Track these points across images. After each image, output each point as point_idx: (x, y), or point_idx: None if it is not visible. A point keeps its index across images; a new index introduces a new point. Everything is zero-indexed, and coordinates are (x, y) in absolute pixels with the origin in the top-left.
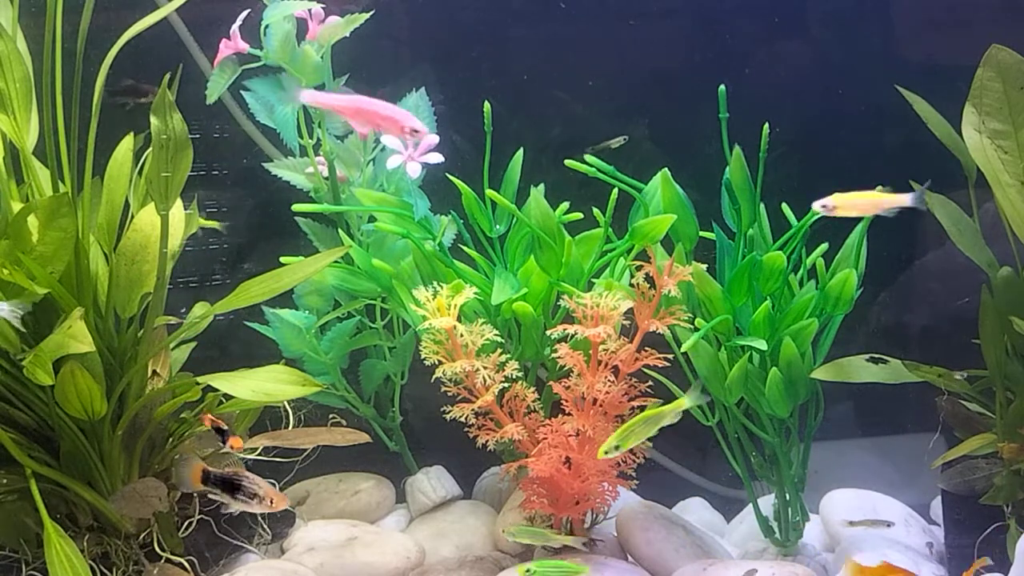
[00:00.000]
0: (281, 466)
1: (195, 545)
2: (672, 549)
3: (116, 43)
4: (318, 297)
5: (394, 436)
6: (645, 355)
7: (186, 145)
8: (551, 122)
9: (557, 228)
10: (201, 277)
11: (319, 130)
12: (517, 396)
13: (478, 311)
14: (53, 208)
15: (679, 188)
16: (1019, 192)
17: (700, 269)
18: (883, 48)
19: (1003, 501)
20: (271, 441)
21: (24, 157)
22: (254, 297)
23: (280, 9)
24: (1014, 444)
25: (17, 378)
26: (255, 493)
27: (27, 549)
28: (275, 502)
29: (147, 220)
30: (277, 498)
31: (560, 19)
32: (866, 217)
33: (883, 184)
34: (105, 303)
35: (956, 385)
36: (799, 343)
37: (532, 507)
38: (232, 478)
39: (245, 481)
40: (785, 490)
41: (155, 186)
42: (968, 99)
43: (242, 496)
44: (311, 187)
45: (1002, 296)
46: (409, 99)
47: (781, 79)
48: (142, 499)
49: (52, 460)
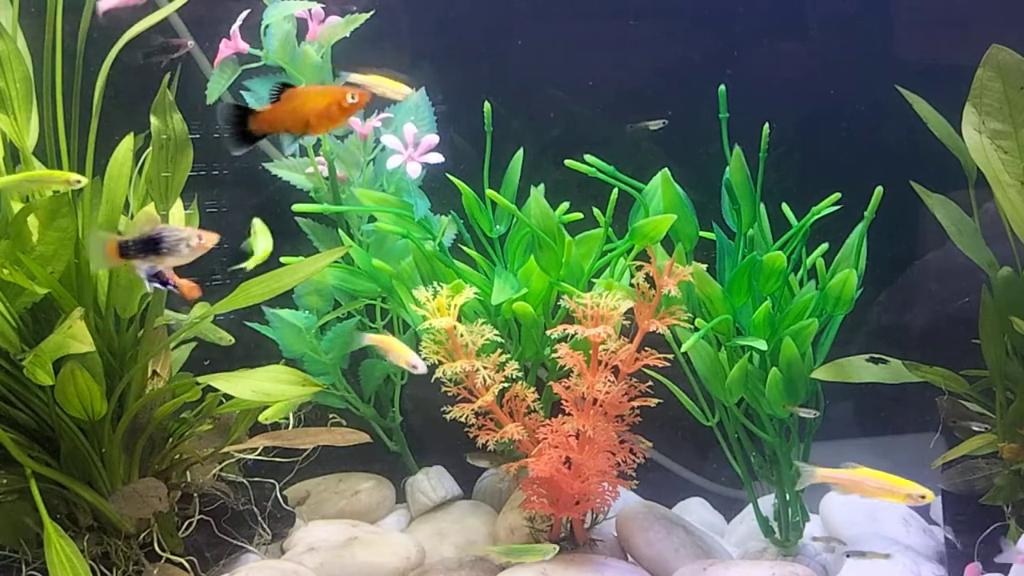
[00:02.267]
0: (281, 466)
1: (195, 545)
2: (672, 549)
3: (116, 43)
4: (318, 297)
5: (394, 436)
6: (645, 355)
7: (186, 145)
8: (551, 122)
9: (557, 228)
10: (201, 277)
11: None
12: (517, 396)
13: (478, 311)
14: (53, 208)
15: (679, 188)
16: (1019, 192)
17: (700, 269)
18: (883, 48)
19: (1003, 501)
20: (271, 441)
21: (24, 157)
22: (254, 297)
23: (280, 9)
24: (1014, 444)
25: (17, 378)
26: (180, 238)
27: (27, 549)
28: (203, 238)
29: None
30: (205, 235)
31: (560, 19)
32: (867, 217)
33: (883, 184)
34: (105, 303)
35: (956, 385)
36: (799, 343)
37: (532, 507)
38: (149, 236)
39: (165, 232)
40: (785, 490)
41: (155, 186)
42: (968, 99)
43: (166, 247)
44: (311, 187)
45: (1002, 296)
46: (409, 99)
47: (781, 79)
48: (142, 499)
49: (52, 460)
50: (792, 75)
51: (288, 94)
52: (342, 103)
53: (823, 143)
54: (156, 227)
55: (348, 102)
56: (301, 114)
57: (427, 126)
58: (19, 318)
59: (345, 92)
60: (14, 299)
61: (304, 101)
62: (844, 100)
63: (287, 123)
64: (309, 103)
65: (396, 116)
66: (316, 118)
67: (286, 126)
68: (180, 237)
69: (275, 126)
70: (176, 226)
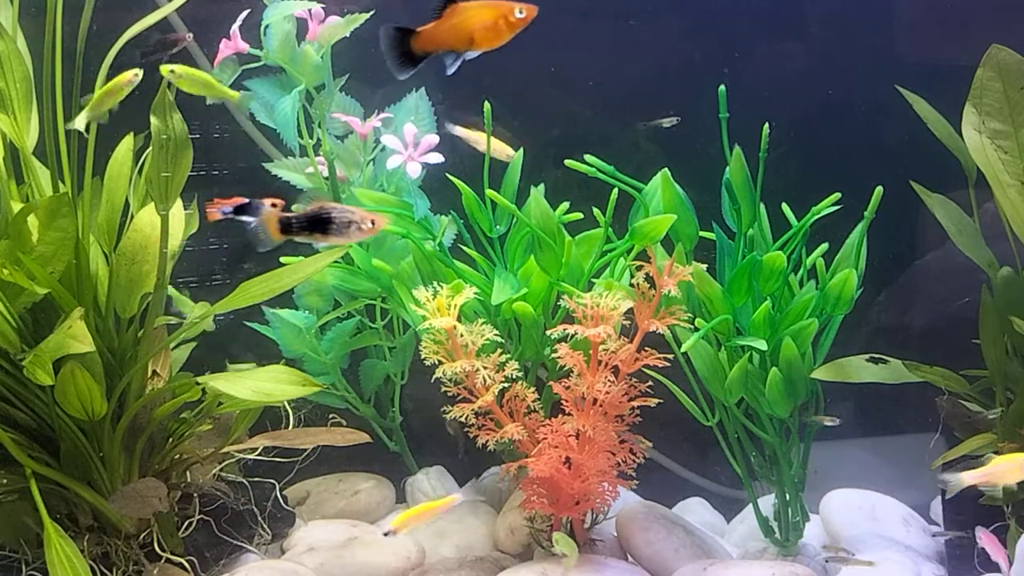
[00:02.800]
0: (281, 466)
1: (195, 545)
2: (672, 549)
3: (116, 43)
4: (318, 297)
5: (394, 436)
6: (645, 355)
7: (186, 145)
8: (551, 122)
9: (557, 228)
10: (201, 277)
11: (319, 130)
12: (517, 396)
13: (478, 311)
14: (53, 208)
15: (679, 188)
16: (1019, 192)
17: (700, 269)
18: (883, 48)
19: (1003, 501)
20: (271, 441)
21: (24, 157)
22: (254, 297)
23: (280, 9)
24: (1014, 444)
25: (17, 378)
26: (349, 220)
27: (27, 549)
28: (375, 223)
29: (147, 220)
30: (376, 218)
31: (560, 18)
32: (867, 217)
33: (883, 184)
34: (105, 303)
35: (956, 385)
36: (799, 343)
37: (532, 507)
38: (318, 214)
39: (335, 212)
40: (785, 490)
41: (155, 186)
42: (968, 99)
43: (336, 228)
44: (311, 187)
45: (1002, 296)
46: (409, 99)
47: (781, 79)
48: (142, 499)
49: (52, 460)
50: (792, 75)
51: (451, 10)
52: (509, 17)
53: (823, 143)
54: (324, 205)
55: (516, 16)
56: (465, 30)
57: (427, 126)
58: (19, 318)
59: (513, 6)
60: (14, 299)
61: (469, 16)
62: (844, 100)
63: (451, 40)
64: (474, 17)
65: (396, 116)
66: (482, 33)
67: (450, 43)
68: (350, 219)
69: (440, 44)
70: (344, 206)
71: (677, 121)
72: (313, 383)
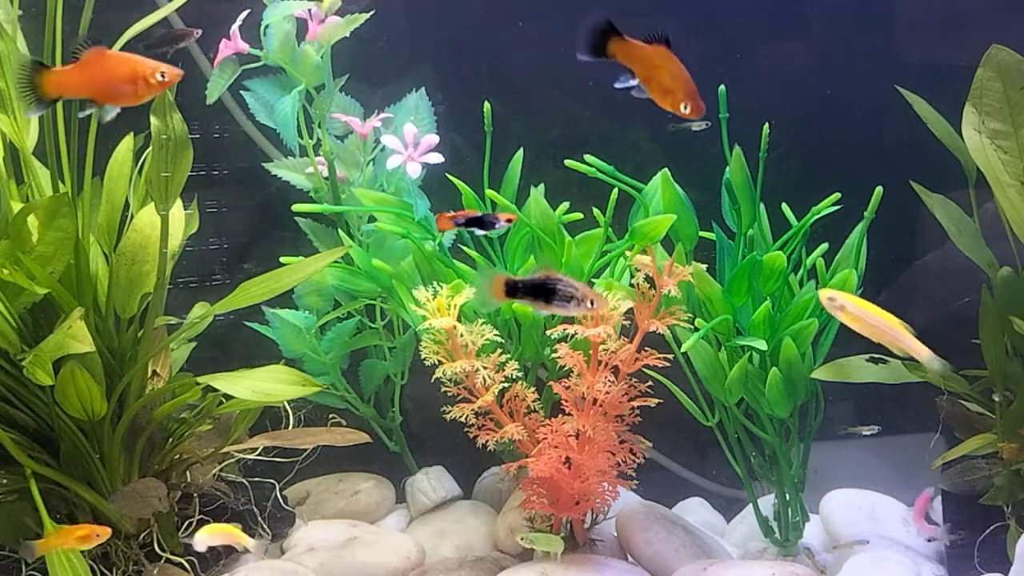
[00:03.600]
0: (281, 466)
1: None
2: (672, 549)
3: (116, 43)
4: (318, 297)
5: (394, 436)
6: (645, 355)
7: (186, 145)
8: (551, 122)
9: (557, 228)
10: (201, 277)
11: (319, 130)
12: (517, 396)
13: (478, 311)
14: (53, 208)
15: (679, 188)
16: (1019, 192)
17: (700, 269)
18: (883, 48)
19: (1003, 501)
20: (271, 441)
21: (24, 157)
22: (254, 297)
23: (280, 9)
24: (1014, 444)
25: (17, 378)
26: (572, 295)
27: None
28: (595, 302)
29: (147, 220)
30: (596, 298)
31: (560, 18)
32: (867, 217)
33: (883, 184)
34: (105, 303)
35: (956, 385)
36: (799, 343)
37: (532, 507)
38: (544, 282)
39: (560, 284)
40: (785, 490)
41: (155, 186)
42: (968, 99)
43: (558, 300)
44: (311, 187)
45: (1002, 296)
46: (409, 99)
47: (781, 79)
48: (142, 499)
49: (52, 460)
50: (792, 75)
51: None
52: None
53: (823, 143)
54: (551, 275)
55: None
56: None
57: (427, 126)
58: (19, 318)
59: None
60: (14, 299)
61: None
62: (844, 100)
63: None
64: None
65: (396, 116)
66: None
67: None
68: (573, 294)
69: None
70: (570, 280)
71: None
72: (313, 383)
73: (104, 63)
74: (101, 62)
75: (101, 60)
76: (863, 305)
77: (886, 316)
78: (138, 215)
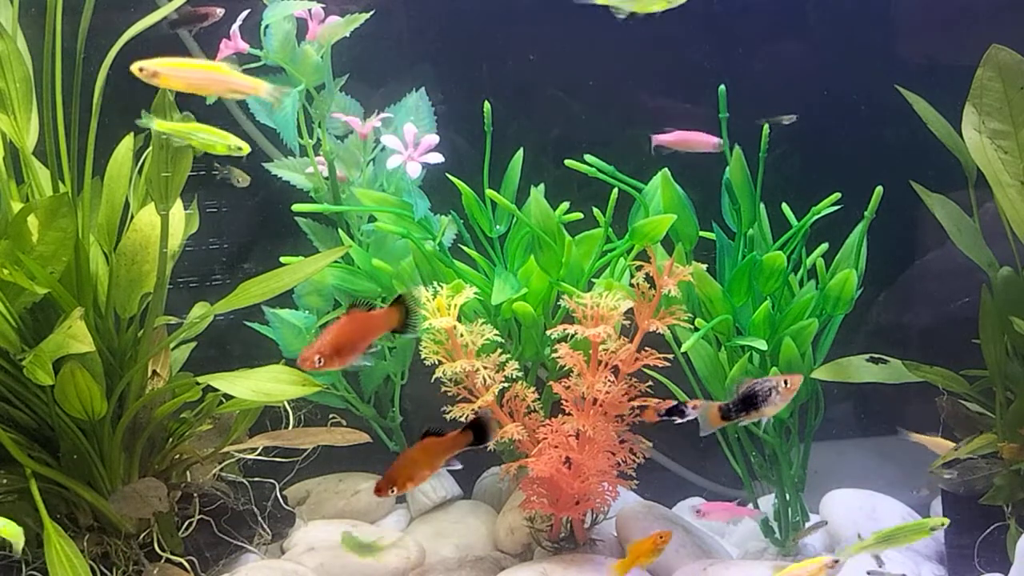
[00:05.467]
0: (281, 466)
1: (195, 545)
2: (672, 549)
3: (116, 43)
4: (318, 297)
5: (394, 436)
6: (645, 355)
7: (186, 145)
8: (551, 122)
9: (557, 228)
10: (201, 277)
11: (319, 130)
12: (517, 396)
13: (478, 311)
14: (53, 208)
15: (679, 188)
16: (1019, 192)
17: (700, 269)
18: (883, 48)
19: (1003, 501)
20: (271, 441)
21: (24, 157)
22: (254, 297)
23: (280, 9)
24: (1014, 444)
25: (17, 378)
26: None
27: (27, 549)
28: (790, 382)
29: (147, 220)
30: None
31: (560, 18)
32: (867, 217)
33: (883, 184)
34: (105, 303)
35: (956, 385)
36: (799, 343)
37: (532, 507)
38: (747, 395)
39: (756, 386)
40: (785, 490)
41: (155, 186)
42: (968, 99)
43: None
44: (311, 187)
45: (1002, 296)
46: (409, 99)
47: (781, 79)
48: (142, 499)
49: (52, 460)
50: (792, 75)
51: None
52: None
53: (823, 143)
54: (747, 384)
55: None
56: None
57: (427, 126)
58: (19, 318)
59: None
60: (14, 299)
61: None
62: (844, 100)
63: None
64: None
65: (396, 116)
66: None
67: None
68: (771, 386)
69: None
70: (768, 379)
71: (795, 119)
72: (313, 383)
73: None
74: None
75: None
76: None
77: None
78: (138, 215)
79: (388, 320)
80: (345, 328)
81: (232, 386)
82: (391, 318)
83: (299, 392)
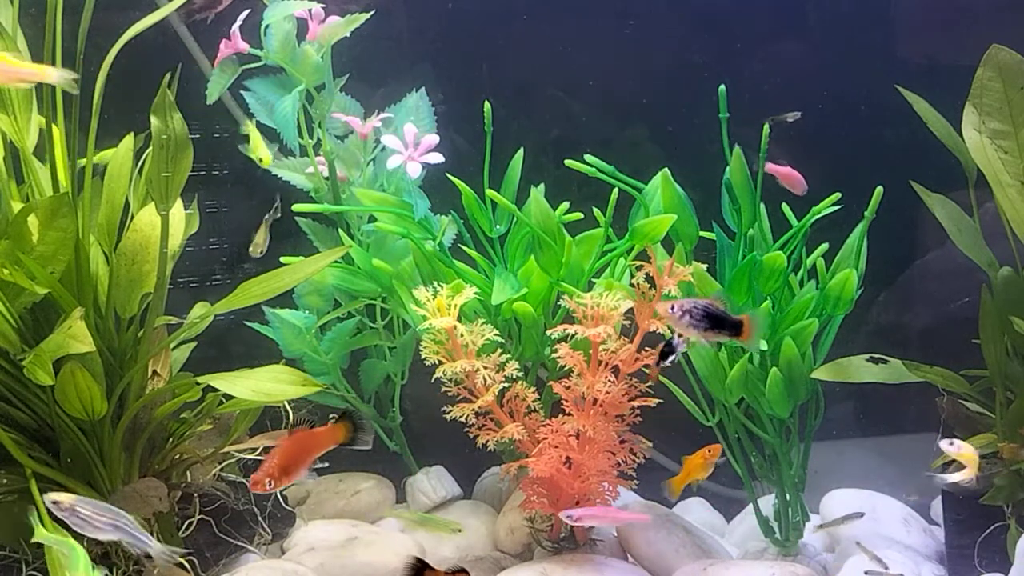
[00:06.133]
0: None
1: (195, 545)
2: (672, 549)
3: (116, 43)
4: (318, 297)
5: (394, 436)
6: (645, 355)
7: (186, 145)
8: (551, 122)
9: (557, 228)
10: (201, 277)
11: (319, 130)
12: (517, 396)
13: (478, 311)
14: (53, 208)
15: (679, 188)
16: (1019, 192)
17: (700, 269)
18: (883, 48)
19: (1003, 501)
20: (271, 441)
21: (24, 157)
22: (254, 297)
23: (280, 9)
24: (1014, 444)
25: (17, 378)
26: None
27: (27, 549)
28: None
29: (147, 220)
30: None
31: (560, 18)
32: (867, 217)
33: (883, 184)
34: (105, 303)
35: (956, 385)
36: (799, 343)
37: (532, 507)
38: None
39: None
40: (785, 490)
41: (155, 186)
42: (968, 99)
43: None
44: (311, 187)
45: (1002, 296)
46: (409, 99)
47: (781, 79)
48: (142, 499)
49: (52, 460)
50: (792, 75)
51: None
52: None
53: (823, 143)
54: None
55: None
56: None
57: (427, 126)
58: (19, 318)
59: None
60: (14, 299)
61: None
62: (844, 100)
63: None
64: None
65: (396, 116)
66: None
67: None
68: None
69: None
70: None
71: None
72: (313, 383)
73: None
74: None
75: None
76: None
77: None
78: (138, 215)
79: (333, 436)
80: (290, 449)
81: (232, 386)
82: (336, 434)
83: (299, 392)
